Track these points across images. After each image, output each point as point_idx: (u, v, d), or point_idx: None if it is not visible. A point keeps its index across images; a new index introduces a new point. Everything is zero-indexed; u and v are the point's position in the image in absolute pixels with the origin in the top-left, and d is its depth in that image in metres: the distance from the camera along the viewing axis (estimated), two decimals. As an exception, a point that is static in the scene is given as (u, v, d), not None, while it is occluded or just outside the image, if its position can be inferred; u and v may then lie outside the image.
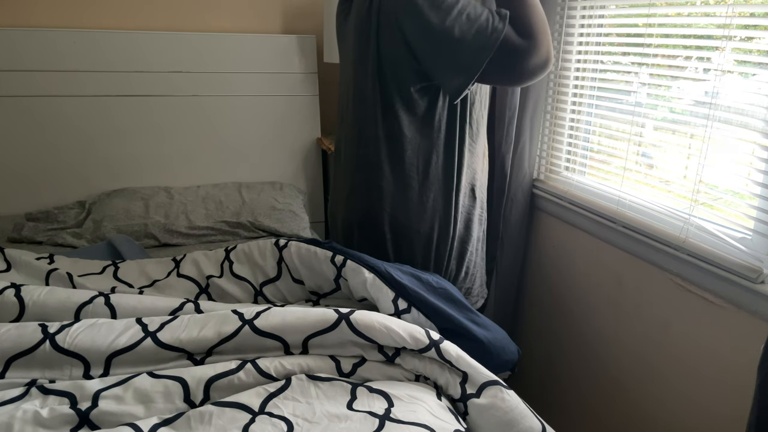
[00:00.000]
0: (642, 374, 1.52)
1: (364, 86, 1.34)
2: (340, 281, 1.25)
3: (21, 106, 2.03)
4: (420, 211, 1.36)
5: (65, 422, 0.87)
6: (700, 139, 1.32)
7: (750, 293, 1.20)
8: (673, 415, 1.44)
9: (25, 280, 1.25)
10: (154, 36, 2.14)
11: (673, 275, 1.39)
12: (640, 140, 1.51)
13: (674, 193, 1.44)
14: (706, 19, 1.33)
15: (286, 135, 2.36)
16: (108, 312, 1.11)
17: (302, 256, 1.28)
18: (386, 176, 1.35)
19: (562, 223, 1.80)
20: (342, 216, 1.47)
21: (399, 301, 1.16)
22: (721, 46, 1.26)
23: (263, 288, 1.28)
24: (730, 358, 1.27)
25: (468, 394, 1.00)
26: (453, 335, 1.15)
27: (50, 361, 0.98)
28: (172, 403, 0.92)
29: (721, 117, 1.27)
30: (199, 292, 1.29)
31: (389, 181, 1.35)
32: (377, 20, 1.26)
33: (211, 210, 2.03)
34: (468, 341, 1.16)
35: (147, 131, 2.19)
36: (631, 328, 1.55)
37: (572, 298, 1.78)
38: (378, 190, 1.36)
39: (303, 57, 2.31)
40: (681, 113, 1.40)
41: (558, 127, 1.84)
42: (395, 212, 1.36)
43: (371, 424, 0.89)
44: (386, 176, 1.35)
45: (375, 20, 1.27)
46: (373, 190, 1.37)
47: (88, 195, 2.12)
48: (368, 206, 1.38)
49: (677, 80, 1.42)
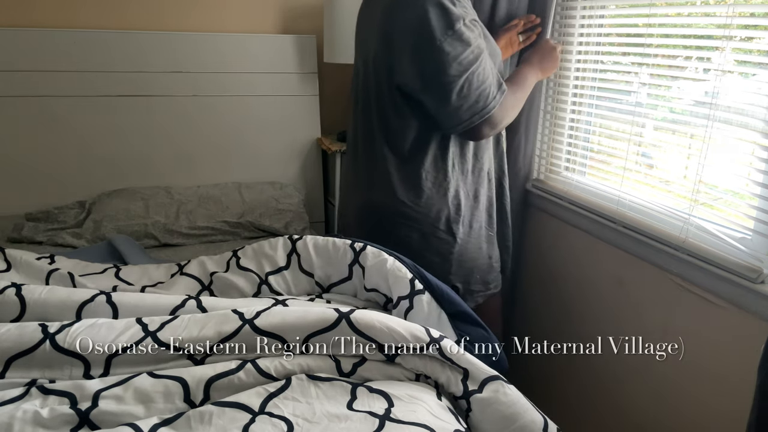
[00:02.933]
0: (642, 374, 1.52)
1: (375, 80, 1.39)
2: (354, 268, 1.27)
3: (21, 106, 2.03)
4: (431, 198, 1.41)
5: (65, 422, 0.87)
6: (700, 139, 1.32)
7: (750, 293, 1.20)
8: (673, 415, 1.44)
9: (26, 280, 1.24)
10: (154, 36, 2.14)
11: (673, 275, 1.39)
12: (640, 140, 1.51)
13: (674, 193, 1.44)
14: (706, 19, 1.33)
15: (286, 135, 2.36)
16: (109, 310, 1.11)
17: (318, 245, 1.32)
18: (395, 165, 1.40)
19: (562, 223, 1.80)
20: (355, 205, 1.52)
21: (415, 282, 1.19)
22: (721, 46, 1.26)
23: (269, 277, 1.29)
24: (730, 358, 1.27)
25: (470, 390, 1.00)
26: (462, 320, 1.19)
27: (50, 361, 0.98)
28: (172, 403, 0.92)
29: (721, 117, 1.27)
30: (202, 289, 1.29)
31: (399, 169, 1.40)
32: (391, 36, 1.30)
33: (211, 210, 2.03)
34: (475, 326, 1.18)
35: (147, 131, 2.19)
36: (631, 328, 1.55)
37: (572, 298, 1.78)
38: (388, 179, 1.40)
39: (303, 57, 2.31)
40: (681, 113, 1.40)
41: (558, 127, 1.83)
42: (406, 200, 1.41)
43: (371, 424, 0.89)
44: (395, 165, 1.40)
45: (389, 34, 1.31)
46: (386, 178, 1.41)
47: (88, 195, 2.12)
48: (382, 195, 1.42)
49: (677, 80, 1.42)
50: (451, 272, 1.45)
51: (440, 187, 1.40)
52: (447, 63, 1.24)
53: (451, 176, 1.41)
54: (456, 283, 1.47)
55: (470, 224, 1.46)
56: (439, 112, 1.32)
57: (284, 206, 2.11)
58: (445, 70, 1.24)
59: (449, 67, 1.24)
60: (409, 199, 1.40)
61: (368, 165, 1.45)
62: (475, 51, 1.26)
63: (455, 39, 1.23)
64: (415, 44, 1.26)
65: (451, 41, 1.23)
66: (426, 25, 1.22)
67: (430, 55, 1.25)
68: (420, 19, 1.23)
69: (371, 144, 1.43)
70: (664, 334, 1.44)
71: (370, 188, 1.45)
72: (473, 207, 1.47)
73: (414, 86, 1.31)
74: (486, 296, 1.55)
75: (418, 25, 1.24)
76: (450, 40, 1.23)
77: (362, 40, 1.47)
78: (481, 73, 1.28)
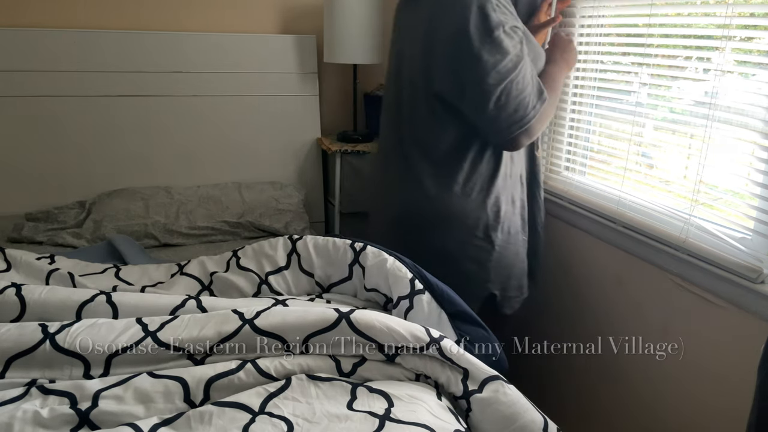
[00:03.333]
0: (642, 374, 1.52)
1: (411, 84, 1.38)
2: (354, 267, 1.27)
3: (21, 106, 2.03)
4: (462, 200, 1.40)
5: (65, 422, 0.87)
6: (700, 139, 1.32)
7: (750, 293, 1.20)
8: (674, 415, 1.44)
9: (26, 280, 1.24)
10: (154, 36, 2.14)
11: (673, 275, 1.39)
12: (641, 140, 1.51)
13: (674, 193, 1.44)
14: (706, 19, 1.33)
15: (286, 135, 2.36)
16: (110, 310, 1.11)
17: (318, 245, 1.32)
18: (430, 172, 1.39)
19: (562, 223, 1.80)
20: (387, 213, 1.51)
21: (415, 282, 1.19)
22: (721, 46, 1.25)
23: (269, 277, 1.29)
24: (730, 358, 1.27)
25: (470, 390, 1.00)
26: (462, 320, 1.19)
27: (50, 361, 0.98)
28: (172, 403, 0.92)
29: (721, 117, 1.27)
30: (202, 288, 1.29)
31: (434, 176, 1.39)
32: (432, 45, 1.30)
33: (211, 210, 2.03)
34: (475, 326, 1.18)
35: (147, 131, 2.19)
36: (631, 328, 1.55)
37: (572, 298, 1.78)
38: (423, 186, 1.39)
39: (303, 57, 2.31)
40: (681, 113, 1.40)
41: (558, 126, 1.83)
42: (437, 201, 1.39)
43: (371, 424, 0.89)
44: (430, 172, 1.39)
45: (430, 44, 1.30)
46: (420, 185, 1.40)
47: (88, 195, 2.12)
48: (416, 203, 1.41)
49: (677, 80, 1.42)
50: (489, 280, 1.43)
51: (478, 193, 1.38)
52: (485, 71, 1.22)
53: (490, 182, 1.38)
54: (494, 290, 1.45)
55: (509, 230, 1.44)
56: (478, 120, 1.30)
57: (284, 206, 2.11)
58: (483, 79, 1.23)
59: (487, 75, 1.22)
60: (445, 206, 1.37)
61: (402, 172, 1.43)
62: (514, 59, 1.23)
63: (494, 47, 1.21)
64: (454, 51, 1.24)
65: (489, 49, 1.21)
66: (464, 31, 1.21)
67: (468, 63, 1.23)
68: (459, 25, 1.21)
69: (405, 150, 1.41)
70: (664, 334, 1.44)
71: (404, 196, 1.43)
72: (511, 212, 1.45)
73: (453, 94, 1.29)
74: (521, 301, 1.54)
75: (457, 32, 1.22)
76: (488, 47, 1.21)
77: (400, 40, 1.44)
78: (520, 81, 1.25)
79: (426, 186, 1.38)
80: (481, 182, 1.38)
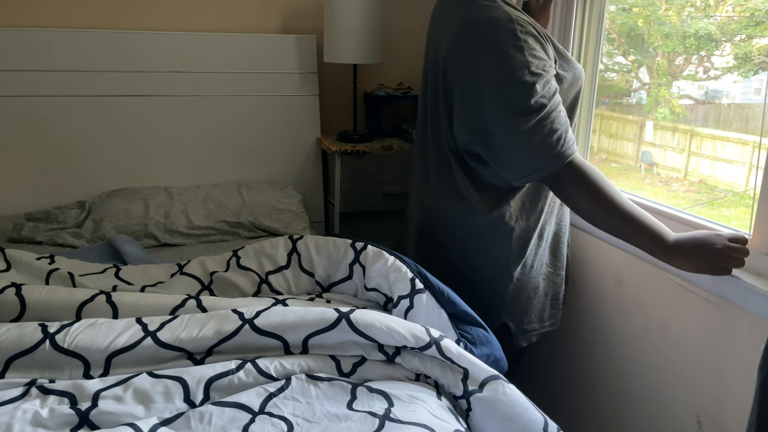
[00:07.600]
0: (642, 374, 1.52)
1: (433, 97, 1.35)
2: (355, 267, 1.27)
3: (21, 106, 2.03)
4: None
5: (65, 422, 0.86)
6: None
7: (750, 293, 1.20)
8: (674, 415, 1.44)
9: (25, 280, 1.24)
10: (154, 36, 2.14)
11: (673, 275, 1.39)
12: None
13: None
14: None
15: (286, 135, 2.36)
16: (109, 310, 1.11)
17: (318, 244, 1.33)
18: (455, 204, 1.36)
19: (562, 223, 1.80)
20: (416, 212, 1.51)
21: (416, 281, 1.19)
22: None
23: (269, 276, 1.29)
24: (730, 358, 1.27)
25: (470, 390, 1.00)
26: (462, 320, 1.19)
27: (50, 360, 0.98)
28: (172, 403, 0.92)
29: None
30: (202, 288, 1.29)
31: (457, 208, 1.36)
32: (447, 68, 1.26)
33: (211, 210, 2.03)
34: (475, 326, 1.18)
35: (147, 131, 2.19)
36: (631, 328, 1.55)
37: (572, 298, 1.78)
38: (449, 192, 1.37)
39: (303, 57, 2.31)
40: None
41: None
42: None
43: (371, 424, 0.89)
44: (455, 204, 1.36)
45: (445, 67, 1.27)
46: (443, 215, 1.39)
47: (88, 195, 2.12)
48: (441, 231, 1.41)
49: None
50: (503, 310, 1.40)
51: (503, 228, 1.33)
52: (505, 116, 1.15)
53: (518, 217, 1.33)
54: (508, 322, 1.41)
55: (532, 264, 1.39)
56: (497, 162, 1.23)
57: (284, 206, 2.11)
58: (504, 122, 1.16)
59: (508, 119, 1.15)
60: (469, 241, 1.35)
61: (436, 188, 1.40)
62: (539, 101, 1.13)
63: (516, 88, 1.13)
64: (471, 94, 1.19)
65: (510, 91, 1.13)
66: (484, 74, 1.15)
67: (486, 107, 1.17)
68: (477, 65, 1.16)
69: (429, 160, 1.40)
70: (664, 334, 1.44)
71: (429, 213, 1.43)
72: (537, 246, 1.39)
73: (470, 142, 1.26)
74: (540, 334, 1.49)
75: (476, 69, 1.17)
76: (509, 89, 1.13)
77: (432, 49, 1.37)
78: (554, 120, 1.14)
79: (451, 222, 1.38)
80: (508, 217, 1.32)
